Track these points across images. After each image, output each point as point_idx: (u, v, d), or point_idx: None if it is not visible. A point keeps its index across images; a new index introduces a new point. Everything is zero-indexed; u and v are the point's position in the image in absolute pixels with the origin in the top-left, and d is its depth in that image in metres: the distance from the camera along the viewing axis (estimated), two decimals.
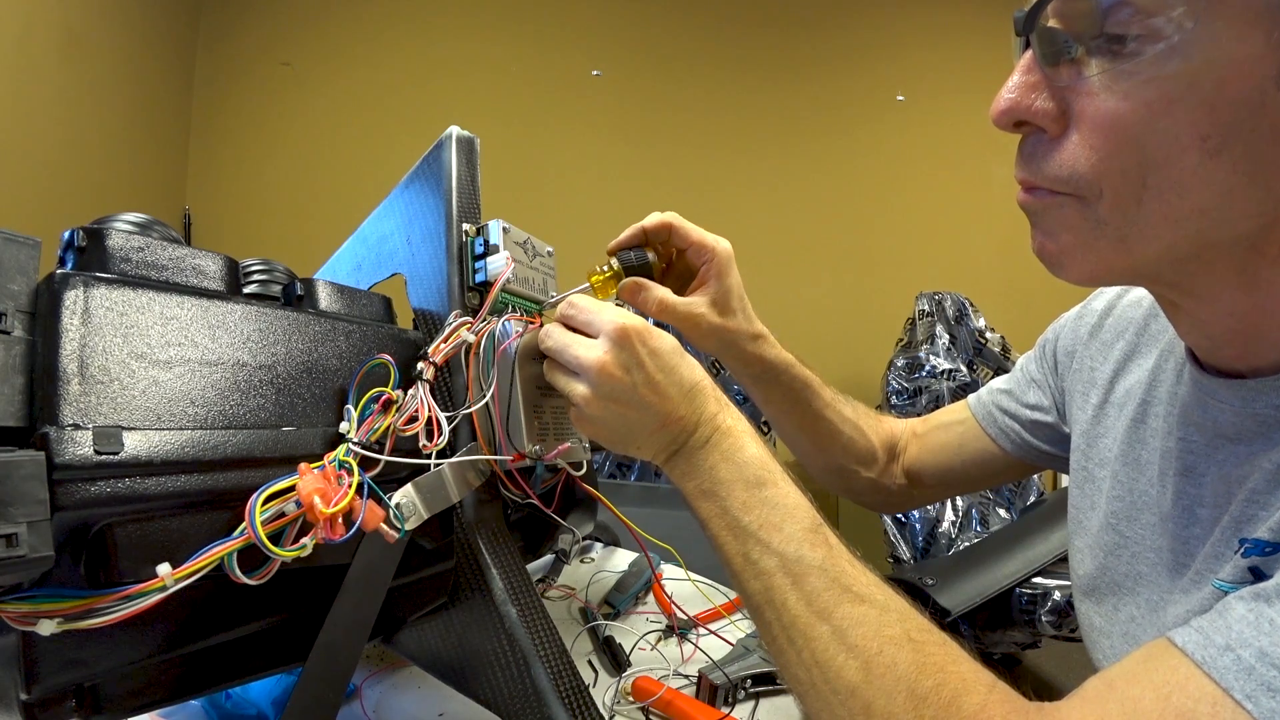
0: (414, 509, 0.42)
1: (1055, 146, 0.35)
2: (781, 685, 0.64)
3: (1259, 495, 0.37)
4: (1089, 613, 0.53)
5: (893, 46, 2.54)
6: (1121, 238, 0.35)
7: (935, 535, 1.68)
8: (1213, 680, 0.28)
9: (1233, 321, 0.38)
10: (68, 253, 0.36)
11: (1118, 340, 0.55)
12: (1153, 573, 0.46)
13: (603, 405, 0.43)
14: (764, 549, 0.39)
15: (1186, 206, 0.33)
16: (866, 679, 0.34)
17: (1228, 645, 0.29)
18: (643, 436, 0.44)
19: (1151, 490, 0.48)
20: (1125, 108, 0.32)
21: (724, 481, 0.42)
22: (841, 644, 0.35)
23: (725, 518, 0.41)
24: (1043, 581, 1.30)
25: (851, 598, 0.37)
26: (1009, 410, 0.67)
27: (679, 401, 0.44)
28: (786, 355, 0.64)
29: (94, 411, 0.32)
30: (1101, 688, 0.32)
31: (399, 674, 0.64)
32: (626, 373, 0.43)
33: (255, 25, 2.39)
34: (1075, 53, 0.33)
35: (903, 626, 0.35)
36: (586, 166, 2.44)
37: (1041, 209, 0.37)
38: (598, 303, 0.46)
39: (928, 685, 0.33)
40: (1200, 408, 0.43)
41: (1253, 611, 0.29)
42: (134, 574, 0.31)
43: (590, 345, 0.44)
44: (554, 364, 0.46)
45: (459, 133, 0.55)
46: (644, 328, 0.44)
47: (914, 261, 2.46)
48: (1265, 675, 0.27)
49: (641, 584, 0.81)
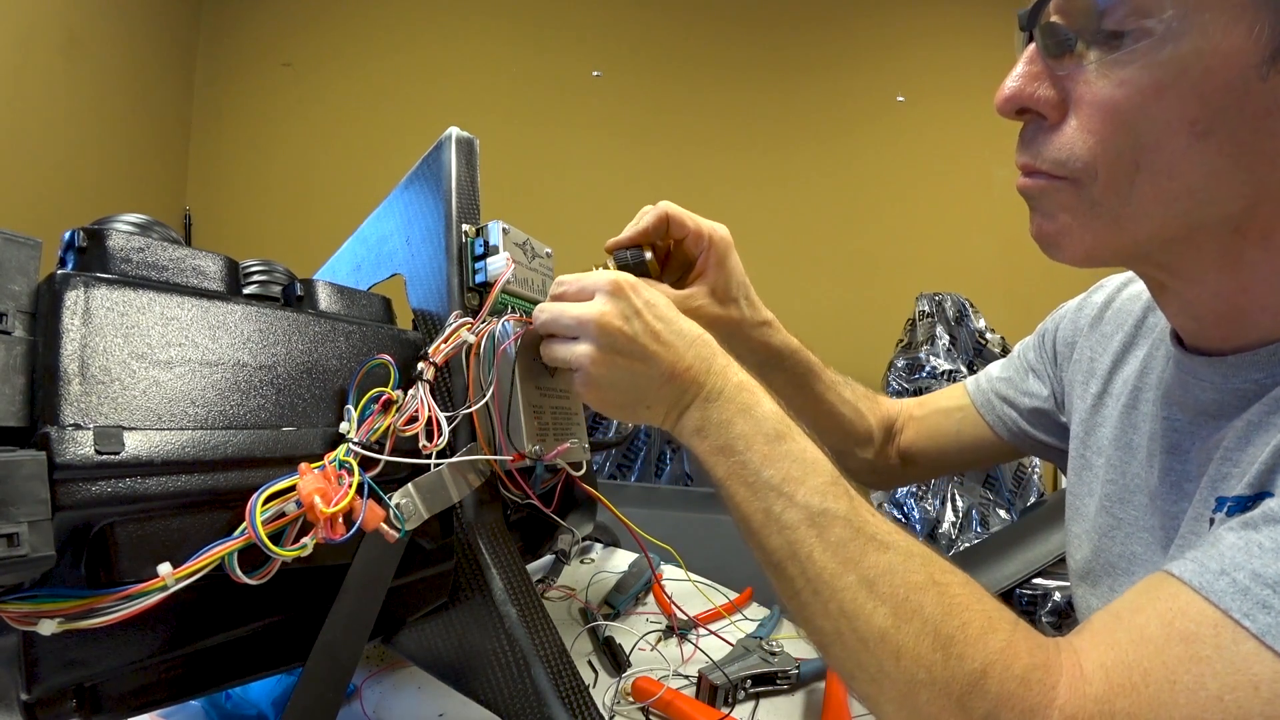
0: (414, 509, 0.42)
1: (1055, 132, 0.38)
2: (781, 686, 0.64)
3: (1231, 453, 0.39)
4: (1085, 596, 0.54)
5: (893, 47, 2.54)
6: (1115, 217, 0.37)
7: (935, 536, 1.68)
8: (1211, 603, 0.30)
9: (1218, 303, 0.40)
10: (68, 253, 0.36)
11: (1117, 332, 0.56)
12: (1147, 552, 0.47)
13: (608, 360, 0.43)
14: (787, 502, 0.39)
15: (1176, 187, 0.35)
16: (895, 624, 0.34)
17: (1222, 570, 0.30)
18: (651, 391, 0.43)
19: (1142, 471, 0.49)
20: (1120, 94, 0.34)
21: (742, 436, 0.41)
22: (870, 592, 0.36)
23: (744, 472, 0.41)
24: (1043, 582, 1.30)
25: (877, 545, 0.37)
26: (1008, 398, 0.67)
27: (684, 350, 0.43)
28: (792, 340, 0.65)
29: (95, 411, 0.32)
30: (1109, 619, 0.34)
31: (399, 674, 0.64)
32: (626, 322, 0.42)
33: (255, 26, 2.40)
34: (1075, 46, 0.36)
35: (926, 571, 0.36)
36: (586, 167, 2.44)
37: (1040, 192, 0.39)
38: (589, 272, 0.46)
39: (954, 625, 0.34)
40: (1182, 387, 0.44)
41: (1242, 538, 0.31)
42: (135, 574, 0.31)
43: (586, 304, 0.44)
44: (551, 340, 0.46)
45: (458, 133, 0.55)
46: (636, 280, 0.44)
47: (914, 262, 2.46)
48: (1259, 594, 0.29)
49: (641, 584, 0.81)
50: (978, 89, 2.41)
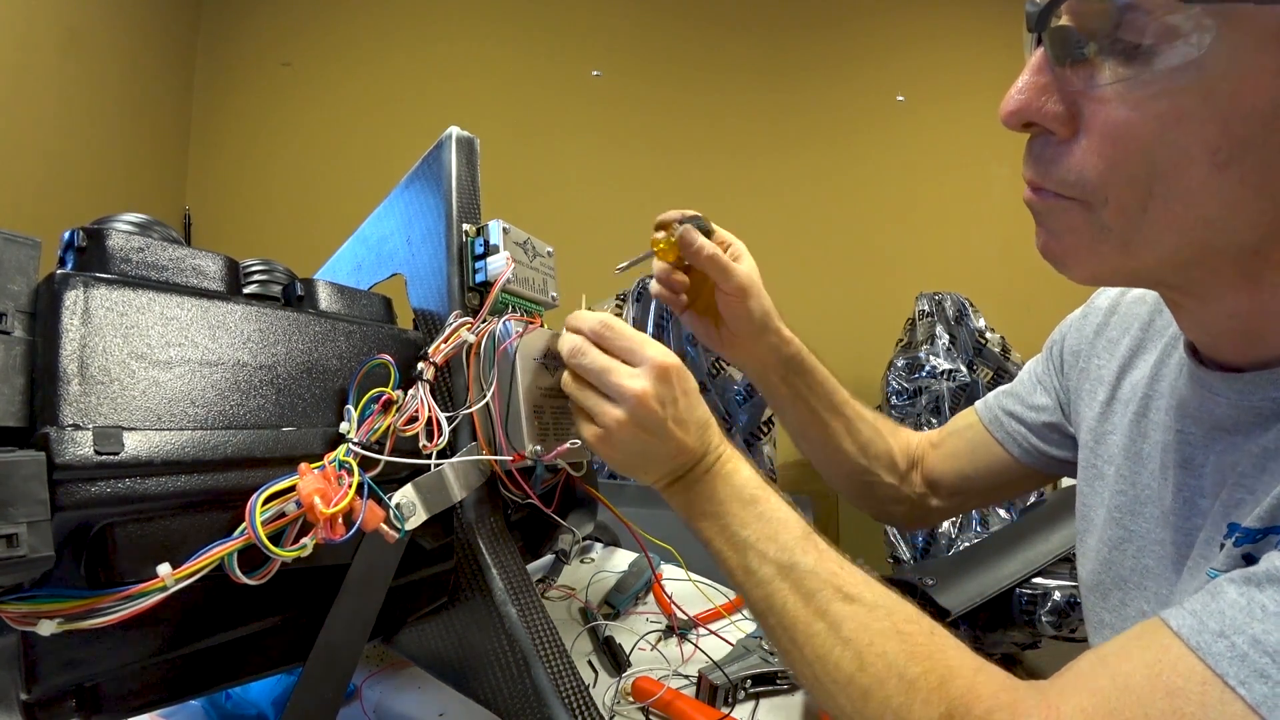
0: (414, 509, 0.42)
1: (1064, 151, 0.35)
2: (781, 686, 0.64)
3: (1246, 479, 0.38)
4: (1096, 608, 0.53)
5: (893, 47, 2.54)
6: (1125, 243, 0.35)
7: (935, 535, 1.68)
8: (1204, 663, 0.29)
9: (1235, 322, 0.38)
10: (68, 253, 0.36)
11: (1123, 337, 0.56)
12: (1159, 566, 0.46)
13: (633, 433, 0.45)
14: (761, 558, 0.43)
15: (1191, 216, 0.33)
16: (860, 668, 0.37)
17: (1221, 631, 0.30)
18: (654, 464, 0.46)
19: (1153, 484, 0.48)
20: (1136, 118, 0.32)
21: (722, 501, 0.45)
22: (836, 638, 0.39)
23: (725, 534, 0.45)
24: (1043, 582, 1.30)
25: (842, 597, 0.40)
26: (1015, 414, 0.66)
27: (694, 436, 0.46)
28: (810, 357, 0.69)
29: (94, 412, 0.32)
30: (1095, 663, 0.33)
31: (399, 674, 0.64)
32: (661, 407, 0.44)
33: (255, 26, 2.40)
34: (1088, 53, 0.33)
35: (890, 620, 0.39)
36: (586, 167, 2.44)
37: (1046, 210, 0.38)
38: (638, 333, 0.47)
39: (916, 671, 0.36)
40: (1197, 401, 0.43)
41: (1244, 596, 0.30)
42: (134, 574, 0.31)
43: (633, 375, 0.44)
44: (584, 383, 0.47)
45: (459, 133, 0.55)
46: (682, 368, 0.46)
47: (914, 262, 2.46)
48: (1258, 662, 0.28)
49: (641, 584, 0.80)
50: (978, 89, 2.41)
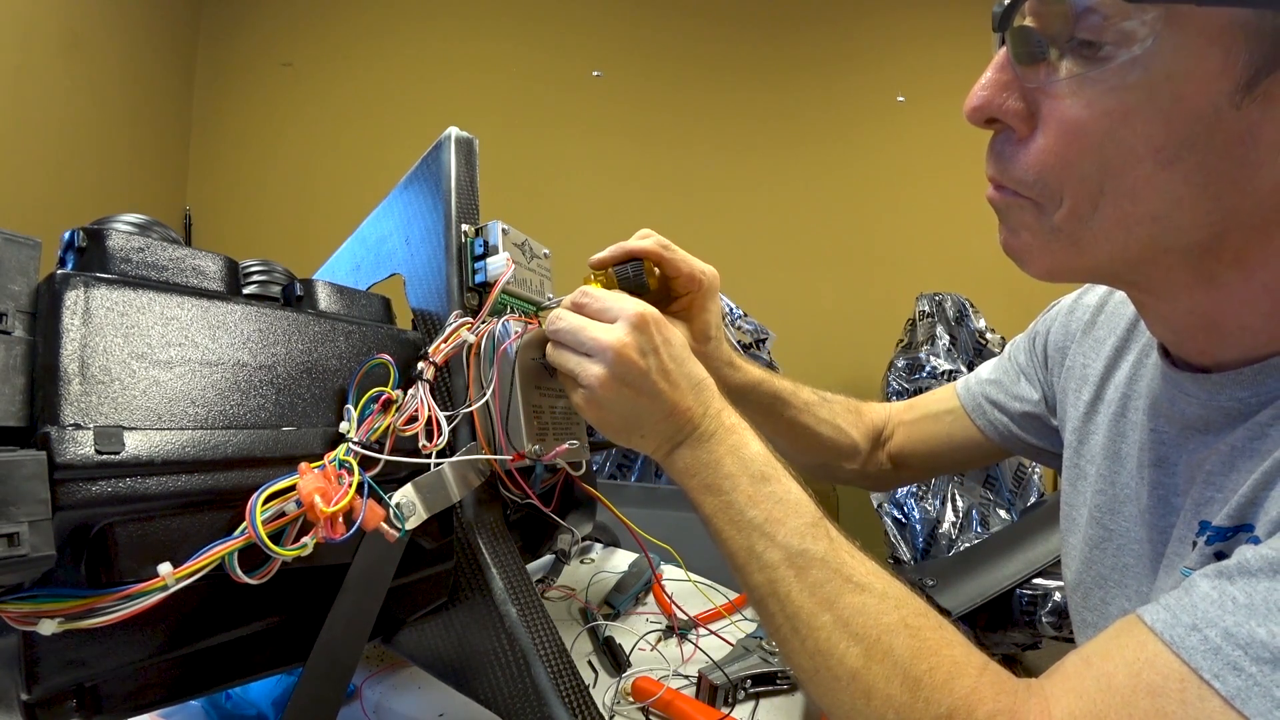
0: (414, 509, 0.42)
1: (1022, 149, 0.36)
2: (782, 686, 0.64)
3: (1215, 478, 0.39)
4: (1079, 608, 0.54)
5: (893, 47, 2.54)
6: (1074, 241, 0.36)
7: (935, 536, 1.68)
8: (1180, 659, 0.30)
9: (1193, 319, 0.39)
10: (68, 253, 0.36)
11: (1110, 336, 0.56)
12: (1138, 564, 0.47)
13: (616, 388, 0.43)
14: (769, 542, 0.40)
15: (1138, 212, 0.34)
16: (866, 665, 0.36)
17: (1194, 625, 0.30)
18: (648, 425, 0.44)
19: (1131, 483, 0.48)
20: (1087, 115, 0.33)
21: (729, 476, 0.43)
22: (844, 632, 0.37)
23: (730, 512, 0.42)
24: (1043, 582, 1.30)
25: (852, 587, 0.38)
26: (998, 402, 0.67)
27: (687, 392, 0.44)
28: (754, 374, 0.65)
29: (95, 411, 0.32)
30: (1079, 664, 0.34)
31: (399, 674, 0.64)
32: (643, 356, 0.43)
33: (255, 25, 2.40)
34: (1049, 54, 0.34)
35: (899, 614, 0.37)
36: (586, 167, 2.44)
37: (1006, 207, 0.39)
38: (616, 293, 0.46)
39: (922, 669, 0.35)
40: (1169, 400, 0.44)
41: (1216, 589, 0.31)
42: (135, 573, 0.31)
43: (608, 328, 0.44)
44: (562, 346, 0.46)
45: (458, 133, 0.55)
46: (660, 316, 0.45)
47: (914, 262, 2.46)
48: (1230, 655, 0.28)
49: (641, 584, 0.81)
50: None
